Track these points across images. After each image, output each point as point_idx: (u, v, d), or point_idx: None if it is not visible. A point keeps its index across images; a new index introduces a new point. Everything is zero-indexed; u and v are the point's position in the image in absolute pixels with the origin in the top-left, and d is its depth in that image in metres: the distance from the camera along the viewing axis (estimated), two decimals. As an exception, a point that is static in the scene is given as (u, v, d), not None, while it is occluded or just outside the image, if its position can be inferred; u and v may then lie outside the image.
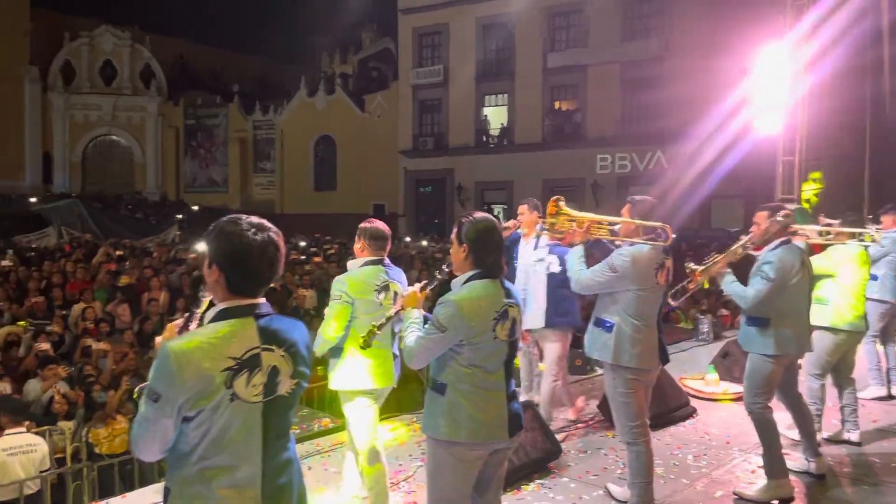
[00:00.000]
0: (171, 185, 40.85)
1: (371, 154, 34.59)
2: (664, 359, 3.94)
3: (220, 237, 2.02)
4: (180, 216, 29.03)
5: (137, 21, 41.09)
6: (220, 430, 1.91)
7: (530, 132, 29.33)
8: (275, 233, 2.05)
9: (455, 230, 2.91)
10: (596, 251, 3.95)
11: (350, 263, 3.91)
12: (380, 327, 3.11)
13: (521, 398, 5.80)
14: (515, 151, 29.53)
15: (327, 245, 19.08)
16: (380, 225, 3.89)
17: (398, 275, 3.94)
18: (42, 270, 11.92)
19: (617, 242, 3.97)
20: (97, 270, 11.94)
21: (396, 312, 3.12)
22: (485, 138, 31.16)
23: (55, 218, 20.37)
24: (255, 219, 2.05)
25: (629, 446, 3.85)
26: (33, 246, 16.74)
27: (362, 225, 3.87)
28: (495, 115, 30.98)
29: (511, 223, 5.44)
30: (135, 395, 2.26)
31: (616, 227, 4.04)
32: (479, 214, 2.92)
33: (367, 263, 3.82)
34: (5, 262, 12.78)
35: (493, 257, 2.86)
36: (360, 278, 3.76)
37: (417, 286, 3.05)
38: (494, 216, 3.72)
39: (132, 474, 6.31)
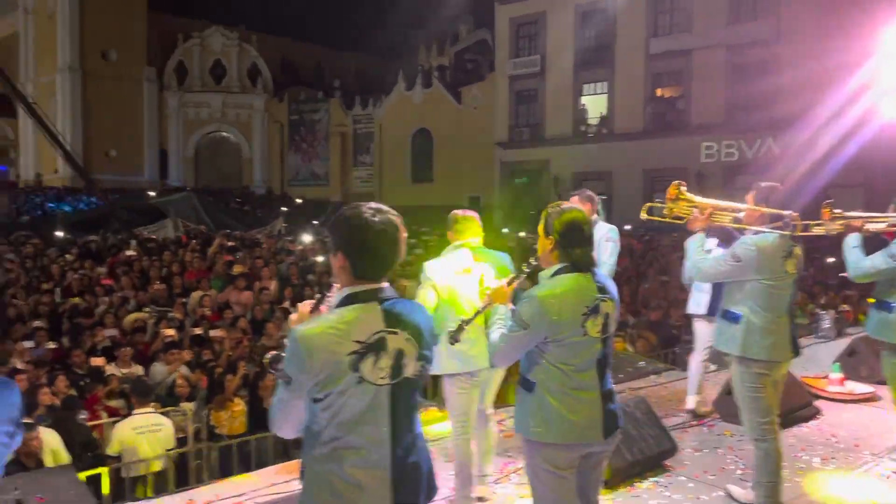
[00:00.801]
0: (276, 178, 42.48)
1: (467, 146, 34.72)
2: (795, 351, 3.73)
3: (343, 224, 2.07)
4: (284, 209, 30.07)
5: (244, 21, 42.88)
6: (348, 412, 1.96)
7: (631, 121, 28.61)
8: (394, 215, 2.09)
9: (542, 222, 2.83)
10: (720, 238, 3.80)
11: (444, 252, 4.03)
12: (467, 322, 3.07)
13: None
14: (615, 141, 28.90)
15: (427, 237, 19.28)
16: (458, 211, 4.03)
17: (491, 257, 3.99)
18: (162, 260, 12.64)
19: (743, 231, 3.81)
20: (213, 260, 12.55)
21: (484, 307, 3.08)
22: (583, 128, 30.65)
23: (172, 210, 21.52)
24: (374, 204, 2.11)
25: (757, 444, 3.67)
26: (153, 237, 17.79)
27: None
28: (594, 104, 30.41)
29: None
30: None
31: (740, 215, 3.88)
32: (567, 205, 2.83)
33: (453, 249, 3.94)
34: (129, 252, 13.64)
35: (582, 250, 2.75)
36: (441, 263, 3.88)
37: (504, 280, 2.99)
38: None
39: (250, 455, 6.58)
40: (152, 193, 31.81)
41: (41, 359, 7.68)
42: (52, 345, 8.46)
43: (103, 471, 5.54)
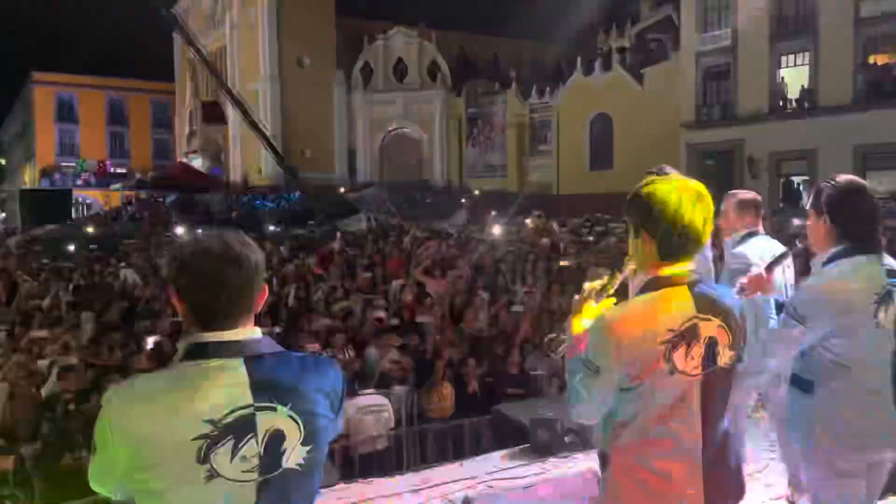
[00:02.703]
0: (455, 171, 43.51)
1: (649, 129, 33.24)
2: None
3: (639, 203, 1.95)
4: (464, 200, 30.70)
5: (424, 18, 44.20)
6: (658, 403, 1.85)
7: (838, 92, 25.98)
8: (695, 188, 1.92)
9: (811, 199, 2.52)
10: None
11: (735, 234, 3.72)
12: None
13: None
14: (819, 115, 26.39)
15: (614, 224, 18.81)
16: (744, 193, 3.71)
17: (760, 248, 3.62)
18: (364, 251, 13.36)
19: None
20: (409, 251, 13.07)
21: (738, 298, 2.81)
22: (781, 103, 28.33)
23: (363, 205, 22.76)
24: (669, 179, 1.98)
25: None
26: (350, 229, 18.90)
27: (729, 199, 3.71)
28: (794, 77, 27.99)
29: None
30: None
31: None
32: (844, 177, 2.49)
33: (746, 235, 3.63)
34: (335, 244, 14.56)
35: (866, 229, 2.43)
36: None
37: (762, 266, 2.70)
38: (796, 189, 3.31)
39: (462, 438, 6.71)
40: (342, 189, 33.85)
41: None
42: (276, 330, 9.18)
43: (335, 447, 5.91)
